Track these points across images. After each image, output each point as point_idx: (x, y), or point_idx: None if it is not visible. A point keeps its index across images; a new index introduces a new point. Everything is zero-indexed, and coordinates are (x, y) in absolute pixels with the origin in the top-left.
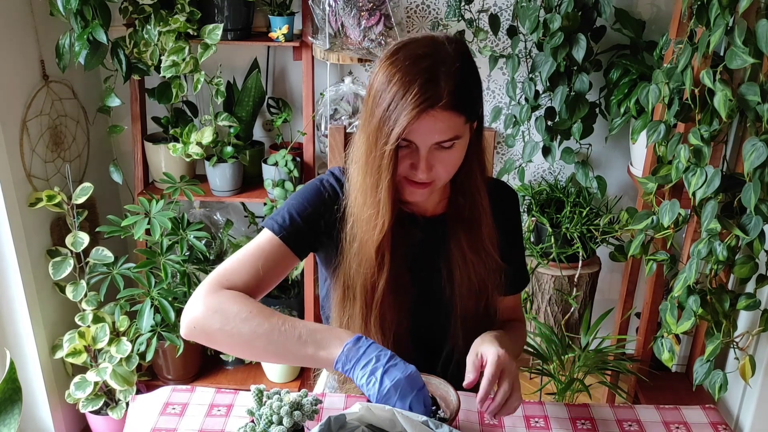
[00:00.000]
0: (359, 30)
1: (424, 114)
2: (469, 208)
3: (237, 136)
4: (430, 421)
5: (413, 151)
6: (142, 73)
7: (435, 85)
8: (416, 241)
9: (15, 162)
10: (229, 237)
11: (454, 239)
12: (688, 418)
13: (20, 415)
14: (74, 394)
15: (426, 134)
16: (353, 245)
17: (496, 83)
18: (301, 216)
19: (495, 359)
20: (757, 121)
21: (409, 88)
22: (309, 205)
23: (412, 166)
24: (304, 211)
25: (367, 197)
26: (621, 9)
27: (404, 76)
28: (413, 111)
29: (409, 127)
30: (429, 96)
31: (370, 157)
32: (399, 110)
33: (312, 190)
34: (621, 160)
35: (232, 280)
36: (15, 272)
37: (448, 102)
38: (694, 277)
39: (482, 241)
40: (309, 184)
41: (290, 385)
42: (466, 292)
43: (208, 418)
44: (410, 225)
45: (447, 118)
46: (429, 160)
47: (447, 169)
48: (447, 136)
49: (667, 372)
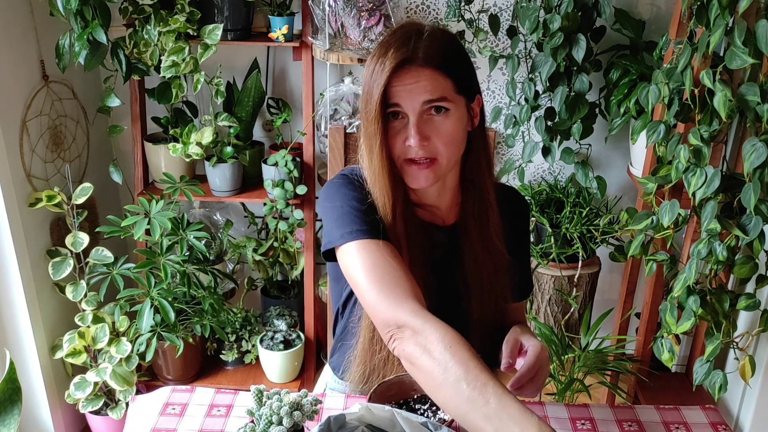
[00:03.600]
0: (359, 30)
1: (403, 69)
2: (478, 204)
3: (237, 137)
4: (430, 422)
5: (405, 124)
6: (142, 74)
7: (410, 42)
8: (439, 248)
9: (15, 162)
10: (229, 237)
11: (465, 240)
12: (688, 418)
13: (20, 415)
14: (74, 394)
15: (410, 93)
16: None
17: (496, 83)
18: (357, 208)
19: (538, 351)
20: (756, 121)
21: (386, 53)
22: (351, 192)
23: (406, 140)
24: (354, 200)
25: (375, 180)
26: (621, 9)
27: (381, 47)
28: (391, 65)
29: (392, 86)
30: (404, 51)
31: (365, 135)
32: (379, 73)
33: (342, 183)
34: (621, 160)
35: (414, 294)
36: (15, 272)
37: (426, 57)
38: (694, 277)
39: (490, 237)
40: (334, 182)
41: (290, 385)
42: (478, 293)
43: (207, 419)
44: (435, 233)
45: (429, 75)
46: (422, 129)
47: (443, 142)
48: (433, 95)
49: (667, 372)
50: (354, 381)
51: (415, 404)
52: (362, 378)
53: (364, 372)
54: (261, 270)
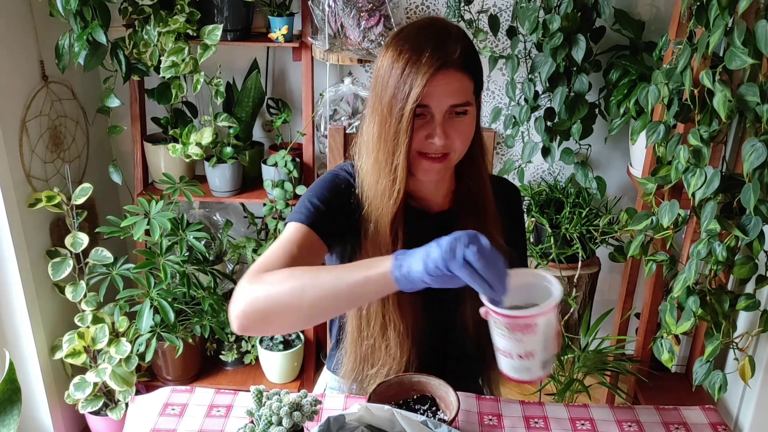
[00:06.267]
0: (359, 31)
1: (439, 73)
2: (475, 192)
3: (236, 137)
4: (429, 421)
5: (428, 121)
6: (142, 74)
7: (445, 45)
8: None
9: (14, 163)
10: (229, 237)
11: (460, 225)
12: (688, 418)
13: (19, 415)
14: (74, 394)
15: (441, 96)
16: (369, 228)
17: (496, 84)
18: (321, 201)
19: None
20: (756, 121)
21: (422, 52)
22: (327, 192)
23: (428, 137)
24: (323, 197)
25: (381, 170)
26: (620, 9)
27: (414, 44)
28: (430, 69)
29: (427, 87)
30: (441, 55)
31: (384, 129)
32: (415, 71)
33: (328, 179)
34: (620, 160)
35: (269, 268)
36: (14, 273)
37: (460, 61)
38: (694, 277)
39: (488, 226)
40: (323, 176)
41: (290, 385)
42: None
43: (207, 419)
44: (421, 219)
45: (460, 79)
46: (445, 127)
47: (461, 140)
48: (461, 99)
49: (666, 372)
50: (346, 373)
51: (415, 404)
52: (353, 368)
53: (354, 361)
54: None
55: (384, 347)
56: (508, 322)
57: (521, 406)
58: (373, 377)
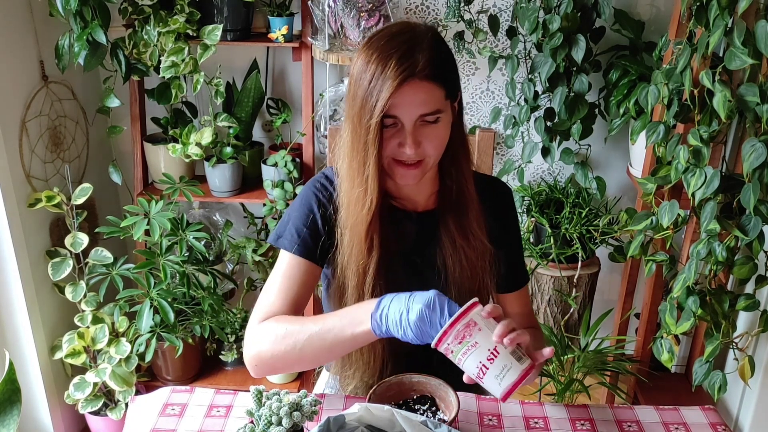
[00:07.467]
0: (359, 31)
1: (404, 84)
2: (456, 192)
3: (236, 137)
4: (429, 421)
5: (399, 129)
6: (142, 74)
7: (412, 56)
8: (409, 234)
9: (14, 163)
10: (229, 238)
11: (443, 227)
12: (688, 418)
13: (19, 415)
14: (73, 394)
15: (409, 106)
16: (345, 234)
17: (496, 84)
18: (306, 226)
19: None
20: (756, 121)
21: (387, 62)
22: (309, 211)
23: (400, 145)
24: (307, 220)
25: (354, 179)
26: (620, 10)
27: (381, 53)
28: (394, 81)
29: (392, 99)
30: (407, 66)
31: (355, 138)
32: (380, 84)
33: (307, 195)
34: (620, 160)
35: (271, 312)
36: (14, 273)
37: (426, 72)
38: (694, 277)
39: (470, 224)
40: (303, 191)
41: (290, 385)
42: (459, 279)
43: (207, 419)
44: (403, 219)
45: (428, 89)
46: (415, 136)
47: (434, 146)
48: (430, 109)
49: (666, 373)
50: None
51: (415, 404)
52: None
53: (337, 363)
54: (260, 270)
55: (359, 352)
56: (452, 332)
57: (521, 406)
58: (350, 378)
